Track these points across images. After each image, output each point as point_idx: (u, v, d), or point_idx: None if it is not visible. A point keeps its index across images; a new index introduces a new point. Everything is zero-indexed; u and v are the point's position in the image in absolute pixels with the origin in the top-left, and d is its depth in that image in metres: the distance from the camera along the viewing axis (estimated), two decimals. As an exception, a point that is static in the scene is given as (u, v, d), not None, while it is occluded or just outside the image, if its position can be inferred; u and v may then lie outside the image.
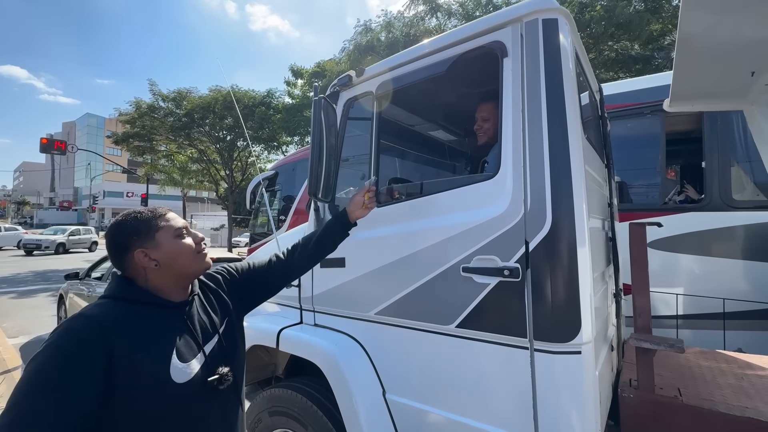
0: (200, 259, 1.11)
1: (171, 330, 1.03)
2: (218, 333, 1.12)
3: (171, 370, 0.97)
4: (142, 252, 1.02)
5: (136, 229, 1.04)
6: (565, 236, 1.24)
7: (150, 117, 19.22)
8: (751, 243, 3.03)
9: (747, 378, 1.74)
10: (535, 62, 1.34)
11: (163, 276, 1.05)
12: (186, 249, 1.08)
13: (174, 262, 1.06)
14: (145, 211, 1.09)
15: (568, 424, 1.22)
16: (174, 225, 1.09)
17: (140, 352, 0.94)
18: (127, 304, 1.01)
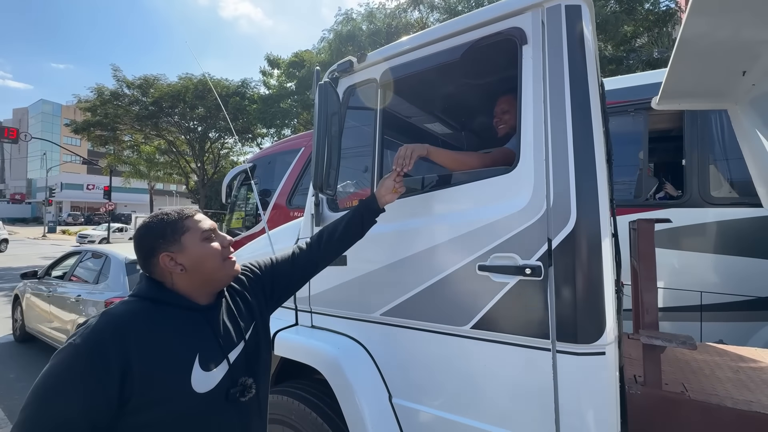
0: (228, 267, 1.07)
1: (196, 335, 0.99)
2: (244, 340, 1.07)
3: (192, 379, 0.93)
4: (167, 256, 0.98)
5: (162, 232, 1.00)
6: (590, 233, 1.19)
7: (113, 105, 18.12)
8: (728, 238, 3.15)
9: (743, 371, 1.78)
10: (557, 51, 1.27)
11: (189, 280, 1.01)
12: (212, 253, 1.03)
13: (200, 267, 1.01)
14: (172, 212, 1.04)
15: (592, 427, 1.18)
16: (201, 227, 1.04)
17: (160, 358, 0.90)
18: (153, 304, 0.97)
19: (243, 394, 1.00)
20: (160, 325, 0.94)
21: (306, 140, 6.71)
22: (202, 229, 1.03)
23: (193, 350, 0.95)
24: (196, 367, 0.94)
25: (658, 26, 9.30)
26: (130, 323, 0.90)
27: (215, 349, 1.00)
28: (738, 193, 3.19)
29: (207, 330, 1.01)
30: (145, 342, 0.89)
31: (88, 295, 4.35)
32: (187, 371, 0.93)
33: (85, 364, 0.83)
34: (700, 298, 3.21)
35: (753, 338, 3.04)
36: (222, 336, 1.03)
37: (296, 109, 15.32)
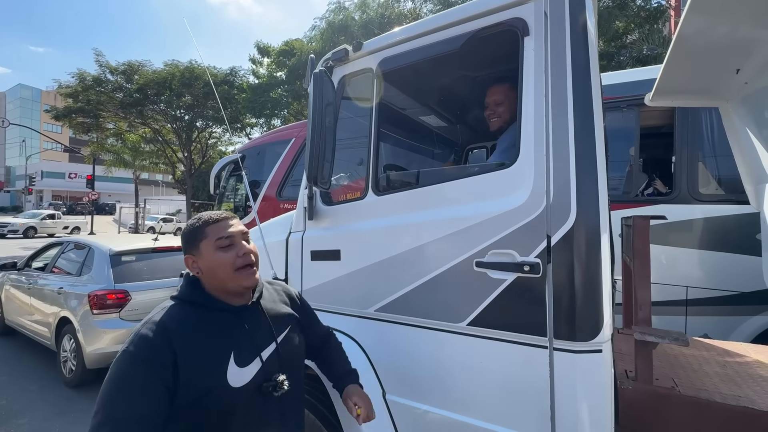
0: (239, 278, 1.09)
1: (230, 334, 1.07)
2: (275, 341, 1.14)
3: (228, 374, 1.01)
4: (190, 258, 1.10)
5: (190, 236, 1.10)
6: (590, 230, 1.18)
7: (96, 91, 17.52)
8: (714, 235, 3.20)
9: (729, 365, 1.82)
10: (560, 43, 1.24)
11: (209, 283, 1.10)
12: (222, 263, 1.07)
13: (213, 274, 1.08)
14: (205, 216, 1.12)
15: (588, 424, 1.18)
16: (217, 234, 1.09)
17: (200, 356, 0.99)
18: (192, 307, 1.07)
19: (276, 389, 1.08)
20: (199, 328, 1.04)
21: (297, 131, 6.59)
22: (218, 236, 1.08)
23: (228, 348, 1.04)
24: (231, 364, 1.03)
25: (649, 23, 9.36)
26: (173, 326, 1.00)
27: (248, 347, 1.08)
28: (725, 191, 3.24)
29: (241, 329, 1.09)
30: (187, 344, 0.99)
31: (70, 287, 4.23)
32: (223, 367, 1.01)
33: (145, 371, 0.93)
34: (686, 293, 3.27)
35: (735, 332, 3.12)
36: (255, 335, 1.10)
37: (286, 99, 15.06)
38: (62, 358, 4.20)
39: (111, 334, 3.85)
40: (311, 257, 1.78)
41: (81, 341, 3.85)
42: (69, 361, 4.10)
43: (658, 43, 8.52)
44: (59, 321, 4.24)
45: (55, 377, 4.25)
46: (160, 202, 34.46)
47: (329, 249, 1.70)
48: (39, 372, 4.47)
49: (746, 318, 3.09)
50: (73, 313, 4.00)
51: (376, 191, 1.62)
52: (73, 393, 3.96)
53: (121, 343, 3.87)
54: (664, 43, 9.03)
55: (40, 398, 3.83)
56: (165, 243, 4.78)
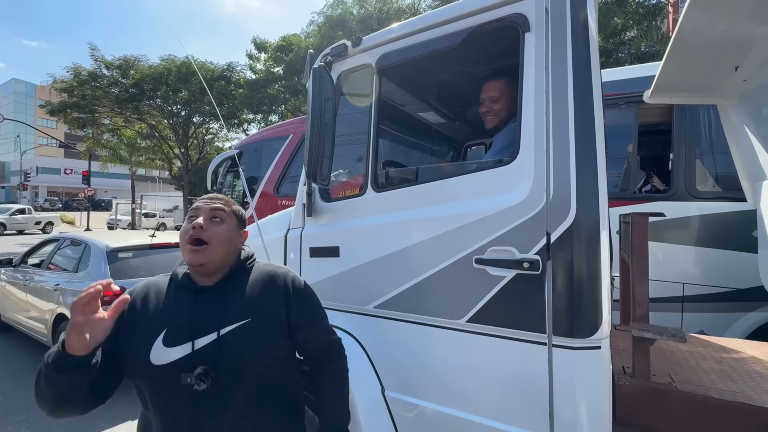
0: (184, 251, 1.08)
1: (173, 312, 1.06)
2: (217, 332, 1.04)
3: (152, 350, 1.01)
4: None
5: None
6: (589, 227, 1.18)
7: (91, 86, 17.37)
8: (711, 232, 3.22)
9: (725, 361, 1.83)
10: (561, 39, 1.24)
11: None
12: (181, 233, 1.11)
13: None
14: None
15: (586, 420, 1.19)
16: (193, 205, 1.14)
17: (136, 324, 1.04)
18: (167, 278, 1.14)
19: (198, 381, 0.99)
20: (153, 299, 1.08)
21: (295, 127, 6.56)
22: (191, 207, 1.14)
23: (162, 325, 1.04)
24: (159, 341, 1.02)
25: (647, 20, 9.35)
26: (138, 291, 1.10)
27: (184, 330, 1.04)
28: (722, 188, 3.25)
29: (187, 310, 1.06)
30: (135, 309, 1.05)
31: (67, 284, 4.21)
32: (149, 342, 1.02)
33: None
34: (682, 290, 3.29)
35: (731, 328, 3.14)
36: (199, 319, 1.05)
37: (284, 94, 14.98)
38: (59, 355, 4.19)
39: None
40: (310, 254, 1.78)
41: (78, 338, 3.83)
42: (66, 357, 4.09)
43: (657, 40, 8.52)
44: (56, 318, 4.21)
45: (53, 374, 4.24)
46: (157, 198, 34.29)
47: (328, 246, 1.70)
48: (36, 368, 4.41)
49: (742, 314, 3.11)
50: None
51: (375, 188, 1.61)
52: (70, 390, 3.94)
53: (118, 339, 3.86)
54: (662, 40, 9.03)
55: (38, 395, 3.81)
56: (163, 239, 4.76)
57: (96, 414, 3.40)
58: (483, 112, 1.78)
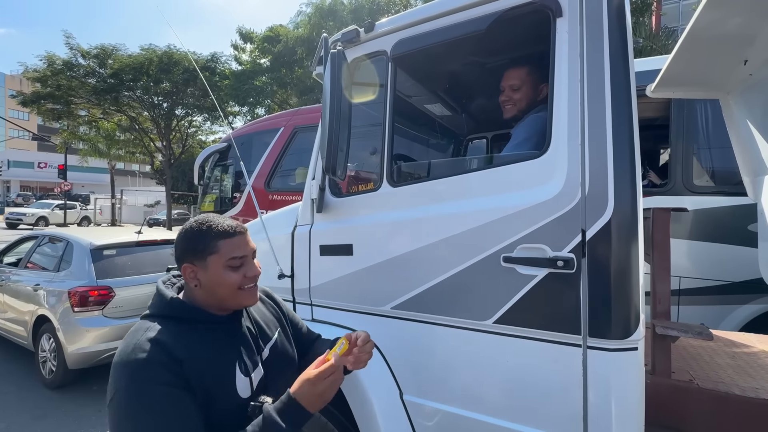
0: (241, 297, 1.03)
1: (227, 344, 1.01)
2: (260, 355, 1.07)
3: (237, 384, 0.96)
4: (189, 267, 0.99)
5: (194, 245, 0.99)
6: (627, 223, 1.13)
7: (66, 76, 16.57)
8: (708, 226, 3.26)
9: (739, 356, 1.83)
10: (596, 25, 1.17)
11: (203, 296, 1.01)
12: (228, 283, 0.99)
13: (212, 290, 1.00)
14: (219, 226, 1.00)
15: (621, 423, 1.14)
16: (231, 254, 0.99)
17: (210, 369, 0.92)
18: (177, 322, 0.96)
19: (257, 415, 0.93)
20: (196, 341, 0.94)
21: (286, 119, 6.40)
22: (230, 256, 0.99)
23: (231, 358, 0.98)
24: (238, 373, 0.97)
25: (635, 16, 9.44)
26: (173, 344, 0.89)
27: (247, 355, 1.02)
28: (718, 182, 3.29)
29: (233, 338, 1.03)
30: (193, 359, 0.90)
31: (47, 284, 3.99)
32: (232, 377, 0.96)
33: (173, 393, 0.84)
34: (678, 283, 3.33)
35: (725, 321, 3.20)
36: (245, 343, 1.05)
37: (271, 87, 14.63)
38: (41, 359, 3.99)
39: (94, 333, 3.66)
40: (320, 252, 1.68)
41: (61, 340, 3.65)
42: (48, 361, 3.89)
43: (645, 36, 8.61)
44: (36, 320, 4.01)
45: (34, 379, 4.04)
46: (137, 193, 33.29)
47: (340, 243, 1.61)
48: (16, 373, 4.23)
49: (736, 307, 3.17)
50: (52, 311, 3.78)
51: (392, 182, 1.53)
52: (54, 395, 3.76)
53: (105, 341, 3.69)
54: (649, 36, 9.14)
55: (19, 401, 3.62)
56: (149, 236, 4.56)
57: (85, 419, 3.23)
58: (502, 101, 1.70)
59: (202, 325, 0.98)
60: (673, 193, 3.36)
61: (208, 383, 0.90)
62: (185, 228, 1.03)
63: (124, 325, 3.80)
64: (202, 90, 16.25)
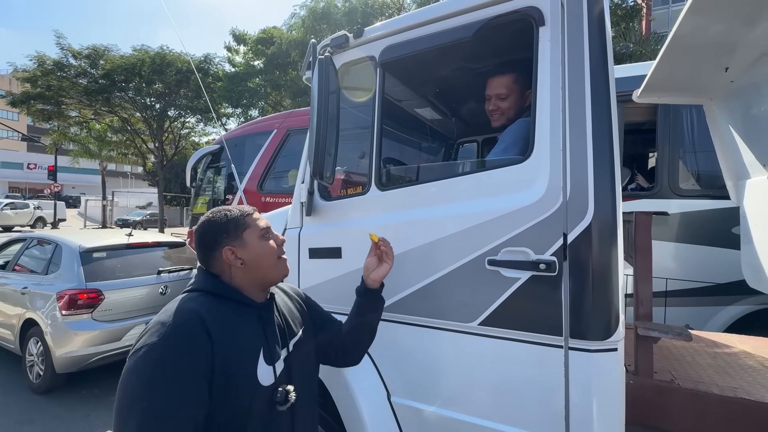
0: (281, 266, 1.12)
1: (258, 329, 1.03)
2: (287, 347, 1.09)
3: (258, 371, 0.98)
4: (230, 250, 1.04)
5: (226, 228, 1.05)
6: (607, 227, 1.16)
7: (57, 76, 16.40)
8: (693, 228, 3.32)
9: (719, 356, 1.87)
10: (577, 34, 1.20)
11: (246, 275, 1.06)
12: (269, 251, 1.09)
13: (257, 263, 1.06)
14: (234, 209, 1.09)
15: (602, 422, 1.17)
16: (260, 225, 1.09)
17: (235, 348, 0.94)
18: (216, 298, 1.01)
19: (283, 401, 1.00)
20: (230, 319, 0.98)
21: (279, 122, 6.39)
22: (260, 227, 1.08)
23: (258, 343, 1.01)
24: (261, 360, 0.99)
25: (625, 21, 9.60)
26: (208, 317, 0.93)
27: (273, 345, 1.04)
28: (703, 186, 3.36)
29: (264, 326, 1.05)
30: (222, 335, 0.93)
31: (36, 287, 3.94)
32: (254, 363, 0.98)
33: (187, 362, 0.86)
34: (665, 285, 3.39)
35: (710, 322, 3.26)
36: (273, 334, 1.07)
37: (265, 88, 14.60)
38: (28, 363, 3.93)
39: (83, 336, 3.62)
40: (309, 255, 1.70)
41: (49, 344, 3.61)
42: (36, 365, 3.84)
43: (635, 41, 8.76)
44: (24, 323, 3.95)
45: (21, 383, 3.98)
46: (129, 195, 32.97)
47: (329, 246, 1.63)
48: (2, 378, 4.17)
49: (721, 308, 3.23)
50: (40, 314, 3.73)
51: (380, 186, 1.55)
52: (42, 399, 3.71)
53: (95, 345, 3.65)
54: (639, 41, 9.29)
55: (5, 406, 3.57)
56: (140, 239, 4.53)
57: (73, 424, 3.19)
58: (489, 110, 1.72)
59: (238, 306, 1.03)
60: (659, 197, 3.42)
61: (230, 363, 0.92)
62: (207, 220, 1.07)
63: (114, 328, 3.77)
64: (195, 91, 16.17)
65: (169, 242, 4.93)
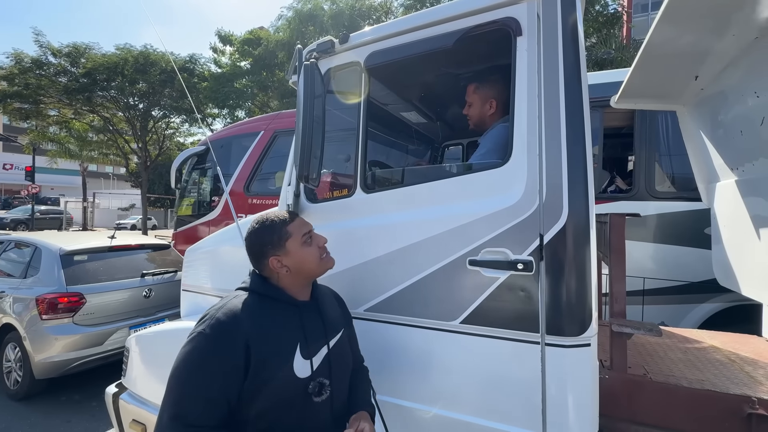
0: (324, 263, 1.25)
1: (297, 325, 1.13)
2: (327, 345, 1.18)
3: (294, 364, 1.07)
4: (275, 259, 1.16)
5: (270, 240, 1.17)
6: (580, 228, 1.21)
7: (35, 74, 15.93)
8: (669, 229, 3.45)
9: (690, 351, 1.96)
10: (552, 43, 1.26)
11: (293, 279, 1.18)
12: (312, 256, 1.20)
13: (302, 267, 1.18)
14: (277, 218, 1.21)
15: (577, 414, 1.23)
16: (300, 232, 1.20)
17: (271, 342, 1.05)
18: (259, 297, 1.14)
19: (320, 391, 1.10)
20: (269, 317, 1.10)
21: (266, 123, 6.37)
22: (301, 234, 1.20)
23: (296, 337, 1.10)
24: (298, 354, 1.08)
25: (606, 27, 9.88)
26: (246, 316, 1.06)
27: (311, 340, 1.13)
28: (677, 189, 3.49)
29: (304, 323, 1.15)
30: (259, 331, 1.05)
31: (13, 291, 3.85)
32: (291, 356, 1.07)
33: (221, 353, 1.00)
34: (642, 284, 3.51)
35: (685, 319, 3.39)
36: (315, 330, 1.16)
37: (251, 89, 14.49)
38: (5, 369, 3.83)
39: (63, 341, 3.55)
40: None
41: (28, 350, 3.52)
42: (14, 371, 3.74)
43: (616, 47, 9.02)
44: (1, 328, 3.84)
45: (-2, 390, 3.87)
46: (111, 196, 32.18)
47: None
48: (-22, 385, 4.04)
49: (695, 306, 3.36)
50: (18, 319, 3.64)
51: (365, 189, 1.59)
52: (20, 406, 3.62)
53: (75, 350, 3.58)
54: (620, 48, 9.57)
55: (-20, 414, 3.47)
56: (123, 241, 4.46)
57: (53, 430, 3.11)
58: (468, 116, 1.78)
59: (281, 305, 1.14)
60: (637, 199, 3.55)
61: (266, 355, 1.03)
62: (255, 233, 1.19)
63: (96, 332, 3.70)
64: (180, 91, 15.91)
65: (154, 244, 4.86)
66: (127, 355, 2.18)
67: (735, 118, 2.10)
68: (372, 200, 1.57)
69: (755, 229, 2.07)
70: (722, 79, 2.14)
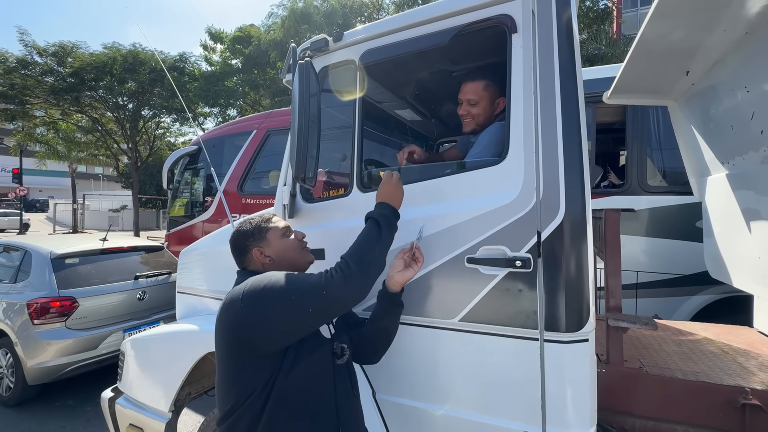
0: (305, 254, 1.35)
1: None
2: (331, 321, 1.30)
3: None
4: (258, 250, 1.26)
5: (251, 233, 1.28)
6: (577, 224, 1.22)
7: (21, 74, 15.61)
8: (661, 223, 3.49)
9: (684, 344, 1.99)
10: (547, 40, 1.26)
11: (276, 269, 1.21)
12: (292, 245, 1.31)
13: (284, 256, 1.27)
14: (255, 217, 1.34)
15: (576, 410, 1.24)
16: (278, 226, 1.31)
17: None
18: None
19: (340, 354, 1.21)
20: None
21: (258, 122, 6.31)
22: (280, 227, 1.31)
23: None
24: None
25: (596, 23, 9.94)
26: None
27: None
28: (669, 183, 3.53)
29: None
30: None
31: (4, 296, 3.78)
32: None
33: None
34: (636, 277, 3.55)
35: (678, 311, 3.44)
36: None
37: (243, 88, 14.34)
38: (-3, 375, 3.77)
39: (56, 346, 3.50)
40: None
41: (20, 355, 3.47)
42: (6, 378, 3.68)
43: (606, 43, 9.07)
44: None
45: (-11, 397, 3.80)
46: (101, 198, 31.74)
47: (312, 248, 1.63)
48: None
49: (687, 298, 3.41)
50: (9, 324, 3.58)
51: (362, 188, 1.58)
52: (12, 412, 3.56)
53: (68, 354, 3.53)
54: (610, 43, 9.63)
55: (-28, 421, 3.41)
56: (115, 243, 4.40)
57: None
58: (461, 114, 1.76)
59: None
60: (629, 193, 3.59)
61: None
62: (238, 231, 1.30)
63: (90, 336, 3.65)
64: (170, 90, 15.68)
65: (146, 246, 4.80)
66: (123, 359, 2.16)
67: (726, 113, 2.12)
68: (369, 199, 1.56)
69: (746, 222, 2.10)
70: (713, 75, 2.16)
